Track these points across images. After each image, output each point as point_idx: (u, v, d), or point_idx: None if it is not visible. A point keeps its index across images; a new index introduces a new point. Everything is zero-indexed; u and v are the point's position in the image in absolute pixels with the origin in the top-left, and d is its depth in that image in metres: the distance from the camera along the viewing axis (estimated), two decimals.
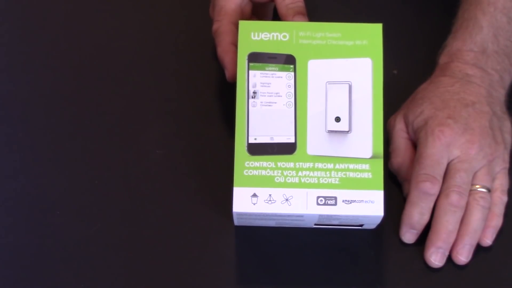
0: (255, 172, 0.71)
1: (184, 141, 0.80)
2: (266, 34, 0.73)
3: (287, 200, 0.71)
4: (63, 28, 0.86)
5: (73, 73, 0.84)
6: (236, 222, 0.74)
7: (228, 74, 0.75)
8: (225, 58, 0.75)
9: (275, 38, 0.73)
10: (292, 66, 0.73)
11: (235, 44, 0.74)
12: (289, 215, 0.71)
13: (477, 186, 0.74)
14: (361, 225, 0.75)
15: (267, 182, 0.71)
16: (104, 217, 0.77)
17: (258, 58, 0.73)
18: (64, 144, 0.80)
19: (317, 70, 0.73)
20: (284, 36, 0.73)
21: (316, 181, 0.71)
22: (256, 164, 0.71)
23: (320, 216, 0.71)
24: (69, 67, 0.84)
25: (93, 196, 0.78)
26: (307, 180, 0.71)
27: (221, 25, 0.76)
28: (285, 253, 0.76)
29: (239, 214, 0.71)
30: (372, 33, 0.73)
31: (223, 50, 0.75)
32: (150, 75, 0.83)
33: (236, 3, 0.76)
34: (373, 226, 0.75)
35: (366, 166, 0.71)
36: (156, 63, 0.83)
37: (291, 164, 0.71)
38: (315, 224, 0.75)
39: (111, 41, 0.85)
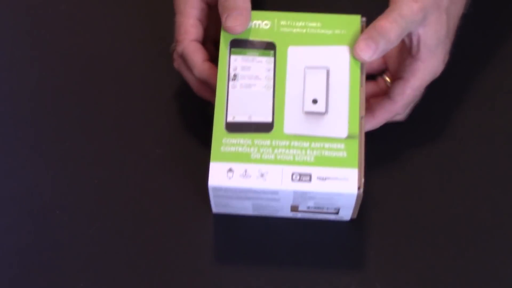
0: (232, 149, 0.72)
1: (183, 140, 0.81)
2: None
3: (262, 175, 0.72)
4: (63, 28, 0.88)
5: (73, 72, 0.85)
6: (213, 204, 0.75)
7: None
8: (209, 79, 0.76)
9: (257, 26, 0.76)
10: (272, 51, 0.75)
11: (208, 60, 0.76)
12: (264, 191, 0.72)
13: None
14: (337, 212, 0.75)
15: (243, 158, 0.72)
16: (104, 217, 0.78)
17: (240, 44, 0.75)
18: (64, 143, 0.81)
19: (297, 56, 0.75)
20: (266, 24, 0.76)
21: (292, 158, 0.72)
22: (233, 141, 0.73)
23: (295, 193, 0.72)
24: (69, 66, 0.85)
25: (93, 195, 0.79)
26: (283, 157, 0.72)
27: (184, 47, 0.77)
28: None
29: (215, 188, 0.72)
30: (350, 24, 0.76)
31: (202, 70, 0.76)
32: (150, 74, 0.84)
33: (193, 15, 0.77)
34: (348, 214, 0.75)
35: (341, 145, 0.72)
36: (156, 62, 0.84)
37: (268, 142, 0.73)
38: (292, 210, 0.75)
39: (111, 40, 0.87)
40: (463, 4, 0.77)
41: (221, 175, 0.72)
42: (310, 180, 0.72)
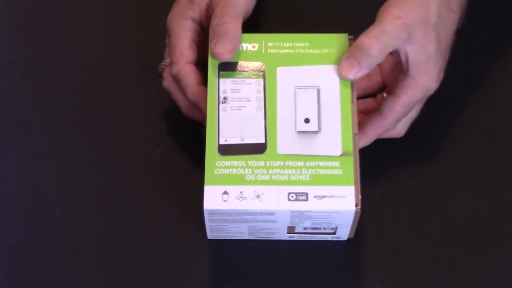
0: (226, 171, 0.72)
1: (183, 141, 0.81)
2: None
3: (258, 196, 0.71)
4: (63, 27, 0.88)
5: (72, 72, 0.85)
6: (208, 228, 0.74)
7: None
8: (201, 104, 0.76)
9: (244, 48, 0.76)
10: (261, 73, 0.75)
11: (202, 83, 0.76)
12: (260, 212, 0.71)
13: None
14: (334, 231, 0.74)
15: (238, 180, 0.71)
16: (103, 217, 0.77)
17: (228, 67, 0.75)
18: (63, 143, 0.81)
19: (286, 76, 0.75)
20: (254, 47, 0.76)
21: (287, 178, 0.71)
22: (227, 163, 0.72)
23: (292, 213, 0.71)
24: (68, 66, 0.85)
25: (93, 195, 0.78)
26: (278, 177, 0.71)
27: (179, 69, 0.76)
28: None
29: (211, 212, 0.71)
30: (338, 42, 0.75)
31: (195, 93, 0.76)
32: (151, 75, 0.83)
33: (188, 37, 0.77)
34: (346, 233, 0.74)
35: (336, 163, 0.72)
36: (156, 63, 0.82)
37: (262, 163, 0.72)
38: (289, 232, 0.74)
39: (111, 40, 0.87)
40: (455, 20, 0.76)
41: (216, 198, 0.71)
42: (307, 199, 0.71)
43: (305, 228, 0.74)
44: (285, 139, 0.73)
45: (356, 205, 0.70)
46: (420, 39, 0.74)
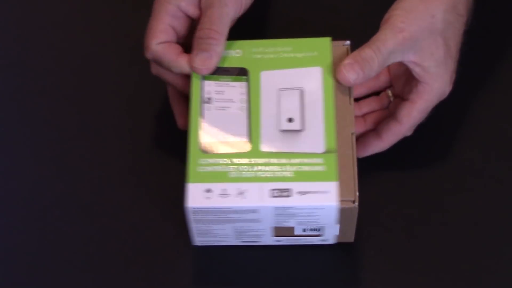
0: (209, 169, 0.71)
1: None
2: None
3: (241, 193, 0.71)
4: (63, 27, 0.89)
5: (72, 72, 0.85)
6: (194, 231, 0.73)
7: (178, 123, 0.78)
8: (175, 109, 0.78)
9: (228, 54, 0.76)
10: (245, 77, 0.75)
11: (182, 52, 0.76)
12: (243, 209, 0.71)
13: None
14: (321, 233, 0.73)
15: (221, 177, 0.71)
16: (103, 217, 0.77)
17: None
18: (64, 143, 0.81)
19: (270, 79, 0.75)
20: (238, 53, 0.77)
21: (271, 175, 0.71)
22: (210, 160, 0.72)
23: (276, 210, 0.71)
24: (68, 66, 0.86)
25: (93, 195, 0.79)
26: (262, 174, 0.71)
27: (153, 51, 0.75)
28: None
29: (194, 210, 0.71)
30: (321, 46, 0.76)
31: (171, 99, 0.78)
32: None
33: (164, 21, 0.75)
34: (333, 234, 0.73)
35: (319, 160, 0.72)
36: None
37: (245, 160, 0.72)
38: (276, 235, 0.74)
39: (110, 40, 0.87)
40: (463, 23, 0.77)
41: (199, 196, 0.70)
42: (290, 195, 0.70)
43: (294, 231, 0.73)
44: (269, 137, 0.73)
45: (354, 202, 0.70)
46: (427, 46, 0.74)
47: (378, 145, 0.77)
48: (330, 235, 0.74)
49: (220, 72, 0.76)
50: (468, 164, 0.80)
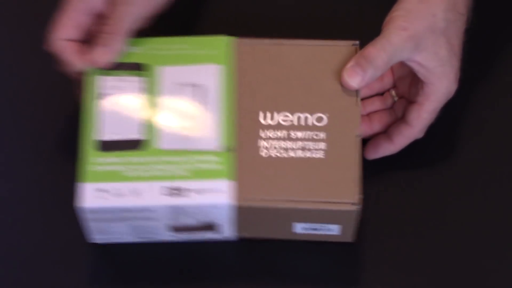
0: (102, 168, 0.70)
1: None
2: None
3: (135, 193, 0.70)
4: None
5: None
6: (91, 229, 0.72)
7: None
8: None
9: (129, 50, 0.75)
10: (141, 72, 0.74)
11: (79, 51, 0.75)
12: (138, 209, 0.70)
13: None
14: (216, 231, 0.73)
15: (115, 176, 0.70)
16: None
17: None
18: (63, 143, 0.80)
19: (168, 75, 0.75)
20: (138, 49, 0.76)
21: (166, 174, 0.70)
22: (103, 160, 0.71)
23: (171, 209, 0.70)
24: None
25: None
26: (156, 173, 0.70)
27: (52, 46, 0.75)
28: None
29: (87, 210, 0.70)
30: (219, 44, 0.75)
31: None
32: None
33: (70, 17, 0.75)
34: (231, 232, 0.73)
35: (216, 158, 0.71)
36: None
37: (140, 159, 0.71)
38: (174, 231, 0.73)
39: None
40: (463, 21, 0.76)
41: (92, 196, 0.69)
42: (184, 194, 0.70)
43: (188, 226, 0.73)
44: (165, 135, 0.72)
45: (355, 204, 0.70)
46: (430, 46, 0.74)
47: (389, 148, 0.77)
48: (229, 232, 0.73)
49: (117, 67, 0.74)
50: (469, 165, 0.79)
